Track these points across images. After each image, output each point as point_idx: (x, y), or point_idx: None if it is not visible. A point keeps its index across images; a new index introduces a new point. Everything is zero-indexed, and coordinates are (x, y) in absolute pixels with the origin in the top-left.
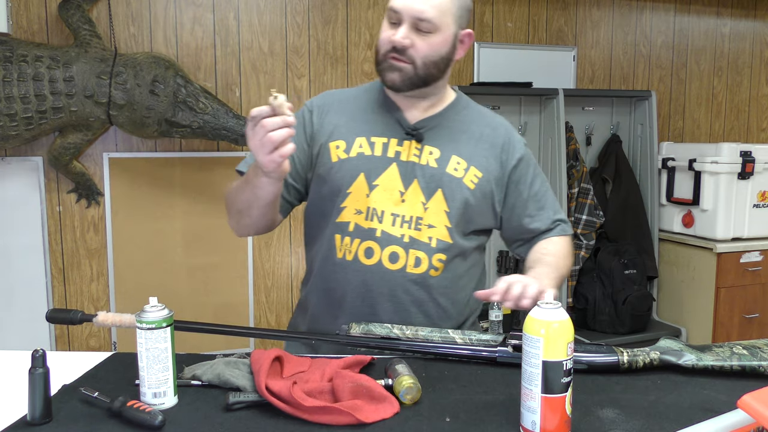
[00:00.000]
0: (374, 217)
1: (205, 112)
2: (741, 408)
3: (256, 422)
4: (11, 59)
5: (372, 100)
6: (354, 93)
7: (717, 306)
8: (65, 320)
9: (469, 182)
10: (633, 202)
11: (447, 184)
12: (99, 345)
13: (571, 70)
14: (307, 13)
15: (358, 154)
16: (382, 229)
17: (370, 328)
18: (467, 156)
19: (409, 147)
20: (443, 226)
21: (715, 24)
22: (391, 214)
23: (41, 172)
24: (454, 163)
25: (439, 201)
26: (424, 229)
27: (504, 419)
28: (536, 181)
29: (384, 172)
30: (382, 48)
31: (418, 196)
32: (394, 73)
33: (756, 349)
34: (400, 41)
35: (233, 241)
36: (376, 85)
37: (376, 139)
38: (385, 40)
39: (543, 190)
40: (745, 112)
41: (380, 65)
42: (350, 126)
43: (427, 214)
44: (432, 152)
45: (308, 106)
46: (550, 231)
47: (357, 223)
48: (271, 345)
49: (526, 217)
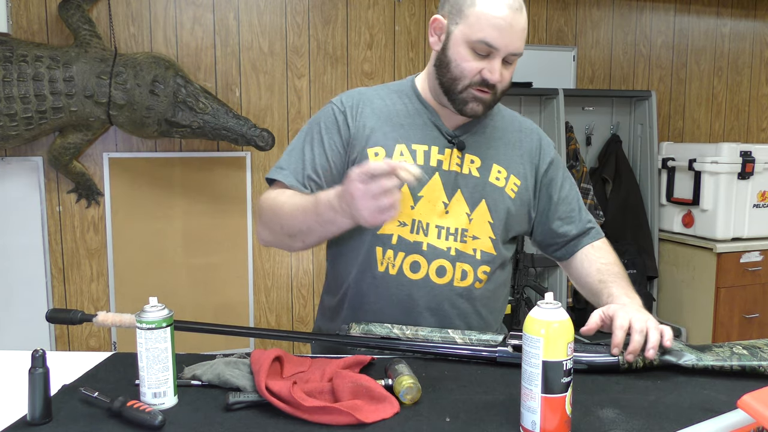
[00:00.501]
0: (420, 229)
1: (205, 112)
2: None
3: (256, 422)
4: (11, 59)
5: (406, 102)
6: (383, 93)
7: (717, 306)
8: (65, 320)
9: (510, 191)
10: (633, 202)
11: (490, 194)
12: (99, 345)
13: (571, 70)
14: (307, 13)
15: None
16: (428, 242)
17: (370, 328)
18: (506, 164)
19: (451, 155)
20: (487, 237)
21: (715, 24)
22: (436, 227)
23: (41, 172)
24: (495, 172)
25: (483, 212)
26: (469, 241)
27: (504, 419)
28: (566, 184)
29: (428, 182)
30: (468, 79)
31: (463, 207)
32: (478, 105)
33: (756, 349)
34: (498, 80)
35: (233, 241)
36: (407, 87)
37: (417, 147)
38: (472, 71)
39: (573, 193)
40: (745, 112)
41: (461, 94)
42: (387, 131)
43: (471, 226)
44: (473, 161)
45: (338, 107)
46: (584, 235)
47: (401, 235)
48: (271, 345)
49: (557, 221)
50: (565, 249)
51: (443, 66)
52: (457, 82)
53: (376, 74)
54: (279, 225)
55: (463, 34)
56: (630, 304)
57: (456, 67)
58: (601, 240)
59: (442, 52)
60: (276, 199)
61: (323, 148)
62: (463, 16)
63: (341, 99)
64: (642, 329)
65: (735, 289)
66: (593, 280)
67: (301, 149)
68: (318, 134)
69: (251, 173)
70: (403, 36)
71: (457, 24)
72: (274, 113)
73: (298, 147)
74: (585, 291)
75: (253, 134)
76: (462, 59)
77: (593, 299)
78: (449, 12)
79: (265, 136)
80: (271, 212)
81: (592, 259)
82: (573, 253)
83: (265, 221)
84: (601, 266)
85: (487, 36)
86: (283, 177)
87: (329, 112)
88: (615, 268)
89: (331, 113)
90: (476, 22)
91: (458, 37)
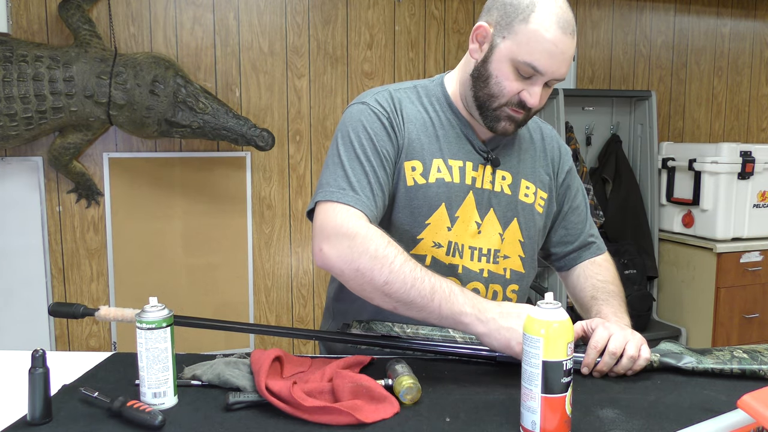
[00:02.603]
0: (456, 252)
1: (205, 112)
2: (741, 408)
3: (256, 422)
4: (11, 59)
5: (438, 111)
6: (413, 96)
7: (717, 306)
8: (68, 314)
9: (538, 207)
10: (633, 202)
11: (521, 212)
12: (99, 345)
13: (571, 70)
14: (307, 13)
15: (437, 180)
16: (463, 264)
17: (371, 326)
18: (533, 178)
19: (484, 172)
20: (517, 256)
21: (715, 24)
22: (469, 248)
23: (41, 172)
24: (524, 188)
25: (514, 231)
26: (501, 261)
27: (504, 419)
28: (578, 195)
29: (463, 201)
30: (505, 98)
31: (495, 226)
32: (510, 125)
33: (757, 353)
34: (536, 105)
35: (233, 241)
36: (437, 91)
37: (453, 163)
38: (512, 91)
39: (584, 204)
40: (745, 112)
41: (495, 111)
42: (423, 142)
43: (503, 246)
44: (504, 177)
45: (380, 111)
46: (585, 249)
47: (435, 257)
48: (272, 345)
49: (561, 230)
50: (565, 261)
51: (481, 79)
52: (493, 99)
53: (376, 74)
54: (384, 281)
55: (510, 51)
56: (616, 322)
57: (496, 84)
58: (602, 256)
59: (482, 64)
60: (386, 250)
61: (380, 159)
62: (512, 31)
63: (377, 100)
64: (615, 351)
65: (735, 289)
66: (586, 295)
67: (359, 164)
68: (369, 142)
69: (251, 173)
70: (403, 36)
71: (504, 38)
72: (274, 113)
73: (353, 160)
74: (577, 305)
75: (253, 134)
76: (504, 77)
77: (584, 315)
78: (497, 23)
79: (265, 136)
80: (375, 263)
81: (589, 275)
82: (572, 266)
83: (355, 261)
84: (597, 283)
85: (535, 60)
86: (361, 206)
87: (371, 117)
88: (611, 287)
89: (375, 118)
90: (526, 42)
91: (504, 52)
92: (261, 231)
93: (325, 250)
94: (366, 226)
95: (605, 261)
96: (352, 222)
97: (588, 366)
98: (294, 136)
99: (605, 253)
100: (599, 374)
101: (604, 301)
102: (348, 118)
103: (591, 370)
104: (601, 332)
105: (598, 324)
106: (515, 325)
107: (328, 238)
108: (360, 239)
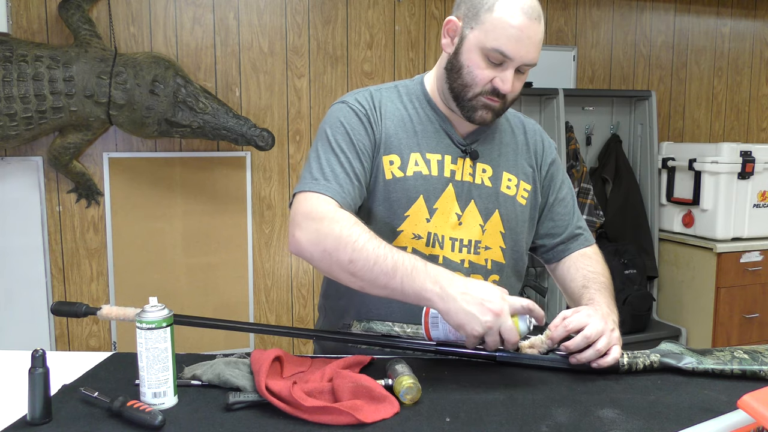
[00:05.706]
0: (435, 242)
1: (205, 112)
2: (741, 408)
3: (256, 422)
4: (11, 59)
5: (417, 107)
6: (393, 95)
7: (717, 306)
8: (70, 313)
9: (521, 199)
10: (633, 202)
11: (503, 204)
12: (99, 345)
13: (571, 70)
14: (307, 12)
15: (414, 173)
16: (443, 255)
17: (371, 326)
18: (515, 170)
19: (463, 165)
20: (498, 247)
21: (715, 24)
22: (450, 239)
23: (41, 172)
24: (506, 180)
25: (495, 223)
26: (482, 252)
27: (504, 419)
28: (564, 186)
29: (442, 193)
30: (479, 87)
31: (476, 218)
32: (487, 113)
33: (757, 354)
34: (509, 91)
35: (233, 241)
36: (416, 89)
37: (431, 156)
38: (484, 79)
39: (570, 196)
40: (745, 112)
41: (470, 101)
42: (401, 137)
43: (484, 237)
44: (485, 170)
45: (358, 108)
46: (573, 240)
47: (415, 248)
48: (272, 345)
49: (548, 221)
50: (553, 252)
51: (454, 70)
52: (467, 89)
53: (376, 74)
54: (348, 260)
55: (478, 40)
56: (603, 316)
57: (468, 73)
58: (591, 247)
59: (454, 56)
60: (350, 230)
61: (356, 151)
62: (479, 21)
63: (356, 99)
64: (589, 336)
65: (735, 289)
66: (577, 285)
67: (335, 155)
68: (345, 136)
69: (251, 173)
70: (403, 36)
71: (472, 29)
72: (274, 113)
73: (328, 153)
74: (567, 295)
75: (253, 134)
76: (475, 66)
77: (573, 305)
78: (465, 15)
79: (265, 135)
80: (339, 242)
81: (580, 266)
82: (561, 258)
83: (321, 242)
84: (588, 273)
85: (502, 45)
86: (331, 192)
87: (349, 114)
88: (601, 278)
89: (353, 114)
90: (492, 29)
91: (472, 42)
92: (261, 231)
93: (297, 236)
94: (334, 209)
95: (595, 254)
96: (321, 207)
97: (552, 339)
98: (294, 136)
99: (594, 245)
100: (566, 350)
101: (596, 291)
102: (328, 117)
103: (556, 345)
104: (580, 317)
105: (579, 309)
106: (476, 311)
107: (299, 224)
108: (327, 221)
